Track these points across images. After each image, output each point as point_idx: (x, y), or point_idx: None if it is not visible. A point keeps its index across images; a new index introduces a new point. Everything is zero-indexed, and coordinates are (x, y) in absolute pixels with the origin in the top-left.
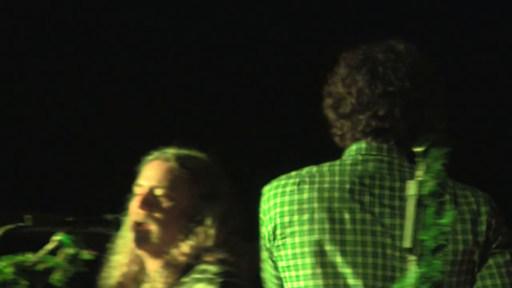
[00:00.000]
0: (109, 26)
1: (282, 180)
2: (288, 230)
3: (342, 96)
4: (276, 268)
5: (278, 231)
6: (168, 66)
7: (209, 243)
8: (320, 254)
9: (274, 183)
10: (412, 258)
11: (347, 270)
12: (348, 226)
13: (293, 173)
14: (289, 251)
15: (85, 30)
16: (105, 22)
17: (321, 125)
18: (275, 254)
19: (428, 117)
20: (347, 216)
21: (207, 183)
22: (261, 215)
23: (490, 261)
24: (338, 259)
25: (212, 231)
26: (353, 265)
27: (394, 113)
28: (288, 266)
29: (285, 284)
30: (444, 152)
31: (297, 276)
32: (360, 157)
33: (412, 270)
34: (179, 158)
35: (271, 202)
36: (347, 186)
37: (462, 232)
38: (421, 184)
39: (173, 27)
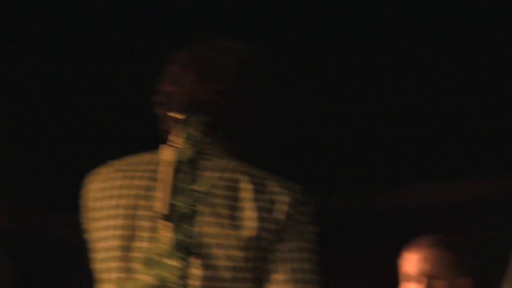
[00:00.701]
0: None
1: (102, 167)
2: (94, 215)
3: (173, 94)
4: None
5: (86, 215)
6: None
7: None
8: (120, 238)
9: (96, 170)
10: (166, 224)
11: (136, 255)
12: (141, 212)
13: (116, 161)
14: (94, 234)
15: None
16: None
17: None
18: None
19: (258, 113)
20: (143, 202)
21: None
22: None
23: (285, 247)
24: (135, 243)
25: None
26: (139, 249)
27: (221, 110)
28: (92, 250)
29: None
30: (204, 121)
31: (98, 260)
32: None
33: (167, 236)
34: None
35: (86, 188)
36: (154, 175)
37: (252, 219)
38: (179, 151)
39: None
